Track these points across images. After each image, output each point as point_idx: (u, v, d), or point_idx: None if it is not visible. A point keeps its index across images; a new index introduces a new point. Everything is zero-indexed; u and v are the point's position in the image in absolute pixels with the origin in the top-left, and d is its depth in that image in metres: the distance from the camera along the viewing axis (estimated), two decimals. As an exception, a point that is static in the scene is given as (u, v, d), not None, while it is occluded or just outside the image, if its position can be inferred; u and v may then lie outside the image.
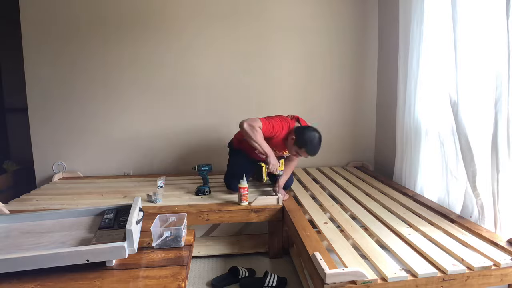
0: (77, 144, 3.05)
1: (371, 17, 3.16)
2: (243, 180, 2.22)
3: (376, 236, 1.76)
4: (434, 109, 2.30)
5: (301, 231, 1.81)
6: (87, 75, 2.98)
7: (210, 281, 2.05)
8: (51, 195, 2.50)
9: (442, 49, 2.15)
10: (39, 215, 1.51)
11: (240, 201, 2.24)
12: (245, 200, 2.24)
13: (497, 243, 1.61)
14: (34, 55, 2.90)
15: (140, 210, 1.45)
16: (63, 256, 1.17)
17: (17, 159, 3.55)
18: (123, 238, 1.26)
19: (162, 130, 3.11)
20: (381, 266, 1.44)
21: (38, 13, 2.86)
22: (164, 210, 2.15)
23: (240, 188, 2.22)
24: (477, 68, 1.87)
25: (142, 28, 2.95)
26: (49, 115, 2.99)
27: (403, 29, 2.54)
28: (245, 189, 2.23)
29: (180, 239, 1.42)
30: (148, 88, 3.04)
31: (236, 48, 3.06)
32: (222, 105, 3.11)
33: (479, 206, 1.89)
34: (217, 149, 3.16)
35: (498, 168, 1.73)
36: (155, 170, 3.14)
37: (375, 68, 3.23)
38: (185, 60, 3.03)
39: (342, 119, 3.26)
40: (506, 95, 1.67)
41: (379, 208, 2.15)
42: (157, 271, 1.23)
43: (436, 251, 1.56)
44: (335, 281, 1.33)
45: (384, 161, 3.16)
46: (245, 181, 2.22)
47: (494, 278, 1.44)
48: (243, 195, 2.23)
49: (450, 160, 2.17)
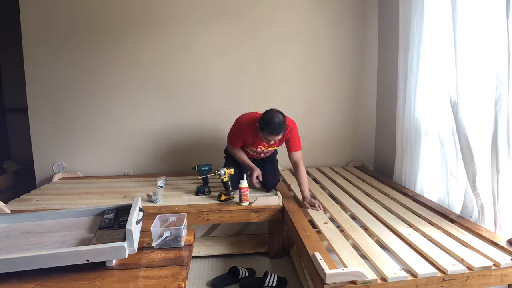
0: (77, 144, 3.05)
1: (371, 17, 3.16)
2: (244, 180, 2.22)
3: (376, 236, 1.76)
4: (434, 109, 2.30)
5: (301, 231, 1.81)
6: (87, 75, 2.98)
7: (210, 281, 2.05)
8: (51, 195, 2.50)
9: (442, 49, 2.15)
10: (39, 215, 1.51)
11: (241, 201, 2.24)
12: (245, 200, 2.24)
13: (497, 243, 1.61)
14: (34, 55, 2.91)
15: (140, 210, 1.45)
16: (63, 256, 1.17)
17: (17, 159, 3.55)
18: (123, 238, 1.26)
19: (162, 130, 3.11)
20: (381, 266, 1.44)
21: (38, 13, 2.86)
22: (164, 210, 2.15)
23: (240, 188, 2.22)
24: (477, 68, 1.87)
25: (142, 27, 2.95)
26: (49, 115, 2.99)
27: (403, 29, 2.54)
28: (245, 189, 2.22)
29: (180, 239, 1.42)
30: (148, 88, 3.04)
31: (236, 48, 3.06)
32: (222, 105, 3.11)
33: (479, 206, 1.89)
34: (217, 148, 3.17)
35: (498, 168, 1.73)
36: (155, 170, 3.14)
37: (375, 68, 3.23)
38: (185, 60, 3.03)
39: (342, 119, 3.26)
40: (506, 95, 1.67)
41: (379, 208, 2.15)
42: (157, 271, 1.23)
43: (436, 251, 1.56)
44: (335, 281, 1.33)
45: (384, 161, 3.16)
46: (245, 181, 2.22)
47: (494, 278, 1.44)
48: (243, 195, 2.23)
49: (450, 160, 2.17)
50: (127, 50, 2.97)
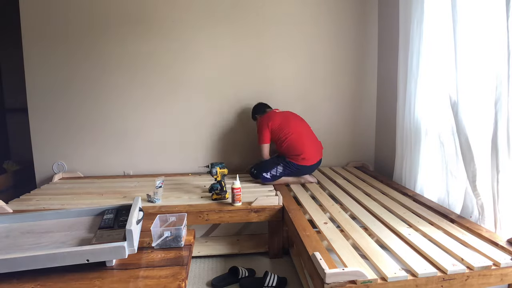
0: (77, 144, 3.05)
1: (371, 17, 3.16)
2: (236, 180, 2.22)
3: (376, 236, 1.76)
4: (434, 109, 2.30)
5: (301, 231, 1.81)
6: (87, 75, 2.98)
7: (210, 281, 2.05)
8: (51, 195, 2.50)
9: (442, 49, 2.15)
10: (39, 215, 1.51)
11: (234, 201, 2.23)
12: (238, 201, 2.22)
13: (497, 243, 1.61)
14: (34, 55, 2.91)
15: (140, 210, 1.45)
16: (63, 256, 1.17)
17: (17, 159, 3.55)
18: (123, 238, 1.26)
19: (161, 130, 3.11)
20: (381, 266, 1.44)
21: (38, 14, 2.86)
22: (164, 210, 2.15)
23: (233, 188, 2.21)
24: (477, 68, 1.87)
25: (142, 26, 2.95)
26: (49, 115, 2.99)
27: (403, 29, 2.54)
28: (238, 190, 2.21)
29: (180, 239, 1.42)
30: (148, 87, 3.04)
31: (236, 48, 3.06)
32: (223, 104, 3.11)
33: (479, 206, 1.89)
34: (218, 148, 3.17)
35: (498, 168, 1.73)
36: (155, 170, 3.14)
37: (375, 68, 3.23)
38: (185, 59, 3.03)
39: (342, 119, 3.26)
40: (506, 95, 1.67)
41: (379, 208, 2.15)
42: (157, 271, 1.23)
43: (436, 251, 1.56)
44: (335, 280, 1.33)
45: (384, 161, 3.16)
46: (238, 182, 2.22)
47: (494, 278, 1.44)
48: (236, 195, 2.21)
49: (450, 160, 2.17)
50: (126, 50, 2.97)
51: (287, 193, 2.49)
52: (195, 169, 3.14)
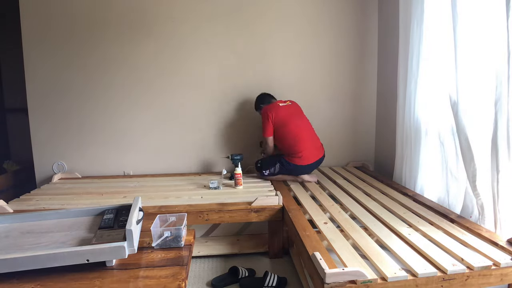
0: (77, 144, 3.05)
1: (371, 17, 3.16)
2: (238, 167, 2.62)
3: (376, 236, 1.76)
4: (434, 109, 2.30)
5: (301, 231, 1.81)
6: (87, 74, 2.98)
7: (210, 281, 2.05)
8: (51, 195, 2.50)
9: (442, 49, 2.15)
10: (39, 215, 1.51)
11: (236, 185, 2.60)
12: (239, 185, 2.60)
13: (497, 243, 1.61)
14: (34, 55, 2.91)
15: (140, 210, 1.45)
16: (63, 256, 1.17)
17: (17, 159, 3.55)
18: (123, 238, 1.26)
19: (161, 129, 3.11)
20: (381, 265, 1.44)
21: (38, 13, 2.86)
22: (164, 210, 2.15)
23: (235, 174, 2.61)
24: (477, 68, 1.87)
25: (142, 25, 2.95)
26: (49, 115, 2.99)
27: (403, 29, 2.54)
28: (239, 175, 2.61)
29: (180, 239, 1.42)
30: (148, 87, 3.04)
31: (236, 48, 3.06)
32: (223, 104, 3.11)
33: (479, 206, 1.89)
34: (217, 148, 3.17)
35: (498, 168, 1.73)
36: (155, 170, 3.14)
37: (375, 68, 3.23)
38: (185, 59, 3.03)
39: (342, 119, 3.26)
40: (506, 95, 1.67)
41: (379, 208, 2.15)
42: (157, 271, 1.23)
43: (436, 251, 1.56)
44: (335, 280, 1.33)
45: (384, 161, 3.16)
46: (239, 168, 2.62)
47: (494, 278, 1.44)
48: (237, 180, 2.60)
49: (450, 160, 2.17)
50: (126, 50, 2.97)
51: (287, 193, 2.49)
52: (195, 169, 3.15)
